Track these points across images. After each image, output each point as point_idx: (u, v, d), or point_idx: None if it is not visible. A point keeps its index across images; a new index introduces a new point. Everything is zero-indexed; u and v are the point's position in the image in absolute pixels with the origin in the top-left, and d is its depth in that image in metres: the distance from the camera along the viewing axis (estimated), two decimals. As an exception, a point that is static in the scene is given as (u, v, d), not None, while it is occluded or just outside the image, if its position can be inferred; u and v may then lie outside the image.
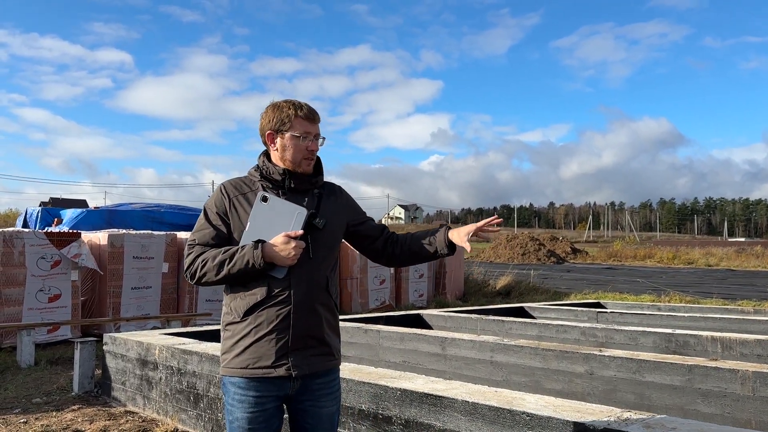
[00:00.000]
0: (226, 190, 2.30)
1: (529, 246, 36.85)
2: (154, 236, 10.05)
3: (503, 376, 5.20)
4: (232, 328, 2.25)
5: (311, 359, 2.24)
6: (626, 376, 4.51)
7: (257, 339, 2.18)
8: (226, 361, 2.25)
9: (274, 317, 2.18)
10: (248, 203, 2.25)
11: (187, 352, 4.89)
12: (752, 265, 35.45)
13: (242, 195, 2.28)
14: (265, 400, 2.20)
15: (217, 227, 2.26)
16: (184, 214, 15.70)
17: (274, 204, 2.19)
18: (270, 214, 2.18)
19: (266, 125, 2.30)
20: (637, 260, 40.56)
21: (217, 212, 2.27)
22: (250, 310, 2.19)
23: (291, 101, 2.31)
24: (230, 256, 2.16)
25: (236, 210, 2.26)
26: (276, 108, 2.30)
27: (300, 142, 2.26)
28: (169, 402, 5.00)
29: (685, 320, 8.03)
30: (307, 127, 2.27)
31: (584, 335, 6.78)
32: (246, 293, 2.21)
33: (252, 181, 2.32)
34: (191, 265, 2.23)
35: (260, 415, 2.19)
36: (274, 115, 2.28)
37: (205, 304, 10.41)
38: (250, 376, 2.18)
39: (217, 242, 2.24)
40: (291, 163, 2.28)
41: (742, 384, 3.94)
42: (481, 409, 2.99)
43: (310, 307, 2.23)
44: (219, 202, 2.28)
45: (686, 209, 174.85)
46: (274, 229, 2.16)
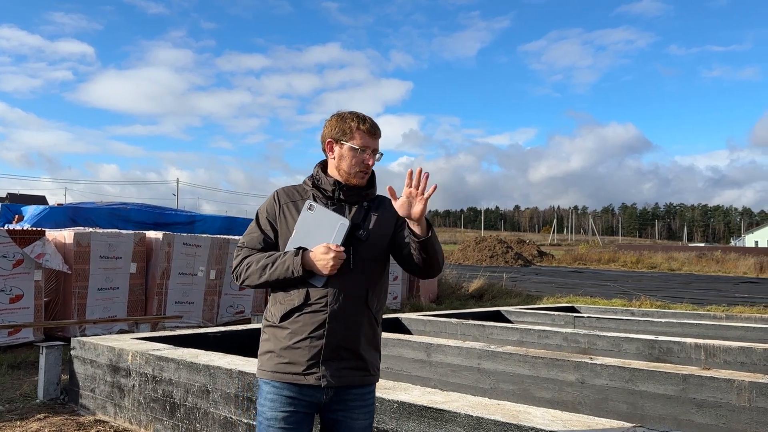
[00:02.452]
0: (278, 197, 2.35)
1: (497, 249, 37.07)
2: (122, 235, 9.70)
3: (491, 384, 5.09)
4: (269, 331, 2.28)
5: (344, 372, 2.22)
6: (618, 385, 4.44)
7: (291, 345, 2.21)
8: (261, 363, 2.29)
9: (309, 324, 2.19)
10: (297, 211, 2.29)
11: (163, 358, 4.65)
12: (713, 270, 36.28)
13: (292, 202, 2.33)
14: (296, 402, 2.21)
15: (266, 232, 2.32)
16: (152, 212, 15.27)
17: (319, 213, 2.22)
18: (314, 222, 2.21)
19: (328, 133, 2.33)
20: (601, 264, 41.15)
21: (267, 218, 2.33)
22: (286, 315, 2.22)
23: (356, 113, 2.33)
24: (272, 261, 2.21)
25: (285, 217, 2.31)
26: (340, 118, 2.33)
27: (358, 154, 2.28)
28: (143, 411, 4.75)
29: (662, 326, 8.06)
30: (367, 141, 2.29)
31: (566, 341, 6.73)
32: (285, 298, 2.24)
33: (304, 189, 2.36)
34: (237, 267, 2.29)
35: (291, 416, 2.20)
36: (338, 124, 2.31)
37: (174, 306, 10.09)
38: (281, 380, 2.21)
39: (264, 247, 2.30)
40: (345, 173, 2.30)
41: (738, 394, 3.90)
42: (486, 424, 2.85)
43: (347, 319, 2.22)
44: (270, 208, 2.34)
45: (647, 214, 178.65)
46: (316, 237, 2.19)
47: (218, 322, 10.56)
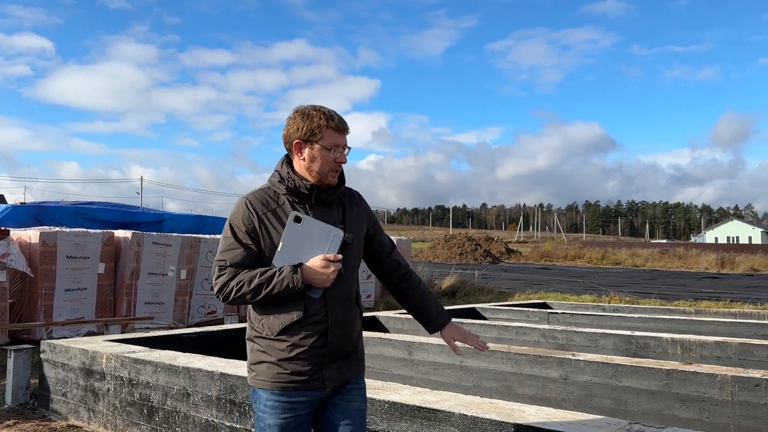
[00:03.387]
0: (252, 207, 2.19)
1: (467, 246, 37.32)
2: (89, 234, 9.43)
3: (473, 382, 5.07)
4: (263, 343, 2.18)
5: (342, 369, 2.23)
6: (602, 381, 4.46)
7: (292, 356, 2.14)
8: (256, 373, 2.20)
9: (310, 336, 2.14)
10: (278, 221, 2.16)
11: (140, 361, 4.51)
12: (675, 266, 37.11)
13: (271, 212, 2.18)
14: (299, 406, 2.17)
15: (247, 246, 2.16)
16: (119, 211, 14.92)
17: (307, 224, 2.13)
18: (304, 234, 2.12)
19: (294, 133, 2.20)
20: (567, 260, 41.76)
21: (246, 231, 2.17)
22: (285, 330, 2.14)
23: (321, 110, 2.21)
24: (267, 279, 2.08)
25: (266, 228, 2.16)
26: (305, 116, 2.19)
27: (329, 153, 2.18)
28: (119, 415, 4.61)
29: (635, 321, 8.17)
30: (336, 138, 2.19)
31: (544, 337, 6.76)
32: (280, 312, 2.14)
33: (276, 194, 2.23)
34: (224, 288, 2.14)
35: (293, 421, 2.17)
36: (304, 123, 2.18)
37: (144, 307, 9.87)
38: (283, 389, 2.15)
39: (248, 262, 2.15)
40: (318, 174, 2.20)
41: (720, 388, 3.94)
42: (482, 424, 2.82)
43: (345, 324, 2.21)
44: (246, 220, 2.17)
45: (610, 211, 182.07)
46: (308, 249, 2.11)
47: (190, 323, 10.37)
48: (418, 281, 2.49)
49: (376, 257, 2.46)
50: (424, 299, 2.45)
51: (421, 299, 2.45)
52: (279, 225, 2.15)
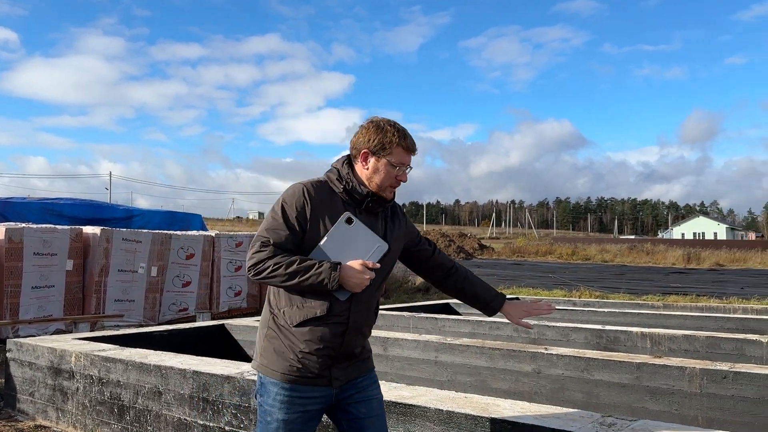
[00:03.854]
0: (309, 195, 2.20)
1: (440, 242, 37.47)
2: (57, 230, 9.23)
3: (448, 376, 5.09)
4: (279, 331, 2.22)
5: (351, 368, 2.29)
6: (574, 375, 4.51)
7: (306, 351, 2.18)
8: (267, 361, 2.23)
9: (327, 335, 2.18)
10: (329, 216, 2.19)
11: (110, 359, 4.44)
12: (644, 261, 37.78)
13: (324, 206, 2.21)
14: (308, 401, 2.21)
15: (294, 230, 2.18)
16: (87, 207, 14.65)
17: (357, 228, 2.18)
18: (350, 236, 2.17)
19: (364, 143, 2.25)
20: (539, 256, 42.22)
21: (297, 216, 2.18)
22: (305, 323, 2.18)
23: (395, 126, 2.27)
24: (305, 269, 2.11)
25: (316, 219, 2.19)
26: (380, 129, 2.25)
27: (393, 170, 2.24)
28: (89, 415, 4.53)
29: (606, 315, 8.30)
30: (404, 157, 2.25)
31: (517, 332, 6.83)
32: (304, 304, 2.18)
33: (332, 190, 2.25)
34: (260, 264, 2.14)
35: (301, 416, 2.21)
36: (377, 136, 2.24)
37: (114, 304, 9.70)
38: (293, 382, 2.19)
39: (290, 246, 2.17)
40: (377, 186, 2.25)
41: (689, 381, 4.02)
42: (458, 418, 2.83)
43: (361, 327, 2.28)
44: (300, 206, 2.19)
45: (580, 208, 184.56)
46: (350, 252, 2.15)
47: (160, 321, 10.23)
48: (464, 272, 2.57)
49: (420, 264, 2.56)
50: (473, 287, 2.55)
51: (471, 288, 2.55)
52: (328, 220, 2.18)
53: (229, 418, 3.69)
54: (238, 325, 6.34)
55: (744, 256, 38.06)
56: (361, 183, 2.25)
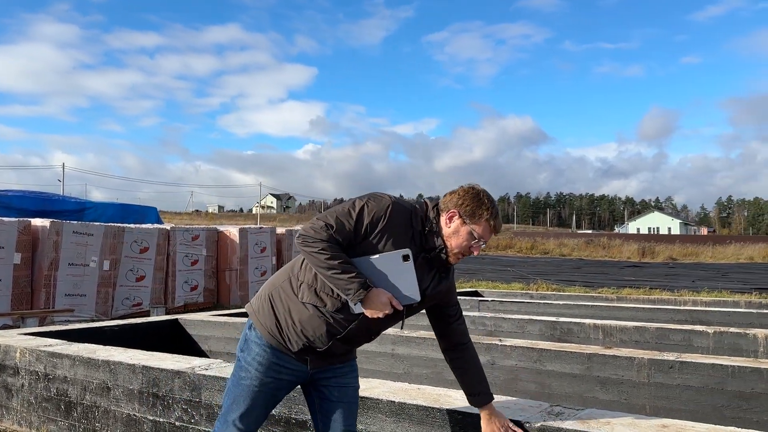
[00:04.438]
0: (391, 213, 2.23)
1: (401, 236, 37.65)
2: (4, 223, 8.93)
3: (405, 369, 5.11)
4: (286, 297, 2.31)
5: (327, 359, 2.37)
6: (527, 366, 4.57)
7: (297, 327, 2.27)
8: (262, 313, 2.33)
9: (320, 329, 2.26)
10: (394, 242, 2.22)
11: (56, 355, 4.31)
12: (600, 255, 38.65)
13: (396, 230, 2.23)
14: (284, 371, 2.31)
15: (357, 232, 2.21)
16: (37, 199, 14.23)
17: (406, 268, 2.20)
18: (396, 270, 2.20)
19: (456, 204, 2.28)
20: (499, 250, 42.80)
21: (368, 222, 2.21)
22: (310, 305, 2.25)
23: (493, 203, 2.31)
24: (343, 270, 2.15)
25: (382, 237, 2.22)
26: (477, 199, 2.28)
27: (471, 240, 2.28)
28: (34, 412, 4.39)
29: (561, 308, 8.45)
30: (486, 234, 2.30)
31: (474, 324, 6.89)
32: (320, 291, 2.25)
33: (411, 222, 2.27)
34: (312, 239, 2.18)
35: (274, 382, 2.31)
36: (471, 204, 2.27)
37: (64, 298, 9.44)
38: (274, 344, 2.29)
39: (345, 242, 2.21)
40: (449, 246, 2.29)
41: (638, 371, 4.11)
42: (409, 409, 2.83)
43: (352, 342, 2.36)
44: (377, 218, 2.21)
45: (539, 203, 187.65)
46: (386, 282, 2.20)
47: (113, 316, 10.00)
48: (471, 356, 2.58)
49: (438, 323, 2.55)
50: (470, 373, 2.56)
51: (464, 371, 2.57)
52: (391, 244, 2.21)
53: (180, 414, 3.62)
54: (193, 320, 6.23)
55: (696, 251, 39.30)
56: (439, 235, 2.29)
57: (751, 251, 38.26)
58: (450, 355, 2.59)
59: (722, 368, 3.89)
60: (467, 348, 2.56)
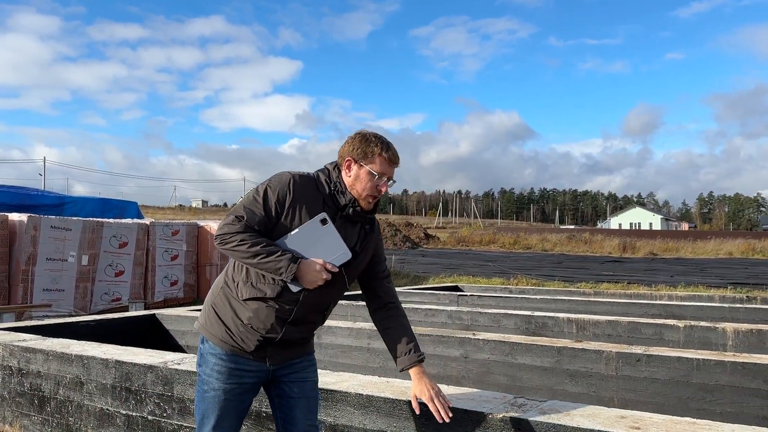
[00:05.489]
0: (294, 187, 2.27)
1: (386, 232, 37.65)
2: (-20, 217, 8.85)
3: (380, 363, 5.16)
4: (227, 300, 2.31)
5: (286, 351, 2.36)
6: (499, 359, 4.64)
7: (245, 326, 2.27)
8: (209, 324, 2.33)
9: (269, 318, 2.27)
10: (307, 212, 2.26)
11: (30, 350, 4.30)
12: (582, 250, 38.98)
13: (306, 200, 2.27)
14: (244, 374, 2.31)
15: (269, 215, 2.24)
16: (15, 193, 14.10)
17: (328, 231, 2.24)
18: (319, 236, 2.23)
19: (348, 152, 2.34)
20: (482, 245, 43.01)
21: (276, 202, 2.25)
22: (252, 300, 2.26)
23: (381, 138, 2.35)
24: (267, 253, 2.18)
25: (294, 212, 2.26)
26: (365, 139, 2.34)
27: (374, 179, 2.31)
28: (8, 406, 4.38)
29: (538, 302, 8.54)
30: (386, 168, 2.33)
31: (451, 318, 6.96)
32: (257, 284, 2.25)
33: (318, 189, 2.32)
34: (229, 236, 2.20)
35: (237, 388, 2.31)
36: (361, 145, 2.32)
37: (42, 293, 9.38)
38: (229, 351, 2.29)
39: (260, 228, 2.24)
40: (357, 194, 2.32)
41: (606, 364, 4.20)
42: (377, 402, 2.88)
43: (304, 323, 2.35)
44: (282, 194, 2.25)
45: (524, 198, 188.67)
46: (314, 250, 2.22)
47: (92, 311, 9.95)
48: (400, 314, 2.56)
49: (372, 279, 2.56)
50: (397, 331, 2.51)
51: (393, 330, 2.52)
52: (305, 215, 2.24)
53: (152, 408, 3.65)
54: (170, 315, 6.24)
55: (677, 246, 39.75)
56: (346, 190, 2.32)
57: (731, 246, 38.80)
58: (380, 316, 2.56)
59: (687, 361, 3.99)
60: (396, 307, 2.57)
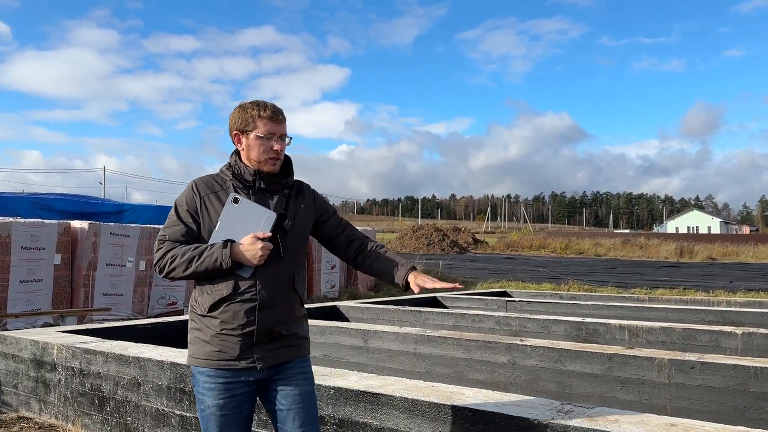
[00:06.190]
0: (197, 188, 2.32)
1: (434, 237, 37.56)
2: (45, 225, 9.28)
3: (426, 368, 5.17)
4: (198, 320, 2.29)
5: (277, 351, 2.29)
6: (548, 365, 4.59)
7: (222, 333, 2.23)
8: (192, 351, 2.31)
9: (239, 313, 2.22)
10: (219, 202, 2.28)
11: (91, 351, 4.50)
12: (637, 255, 37.96)
13: (213, 194, 2.30)
14: (234, 386, 2.26)
15: (188, 224, 2.28)
16: (77, 201, 14.70)
17: (244, 206, 2.23)
18: (240, 215, 2.22)
19: (233, 126, 2.33)
20: (532, 250, 42.38)
21: (188, 210, 2.29)
22: (215, 306, 2.24)
23: (257, 102, 2.33)
24: (199, 253, 2.20)
25: (207, 209, 2.29)
26: (241, 109, 2.33)
27: (264, 142, 2.28)
28: (70, 406, 4.59)
29: (589, 308, 8.38)
30: (270, 127, 2.29)
31: (499, 324, 6.91)
32: (212, 288, 2.25)
33: (223, 179, 2.34)
34: (161, 260, 2.26)
35: (231, 401, 2.26)
36: (240, 115, 2.31)
37: (102, 298, 9.76)
38: (216, 367, 2.24)
39: (187, 239, 2.27)
40: (256, 162, 2.30)
41: (658, 371, 4.10)
42: (421, 406, 2.90)
43: (276, 304, 2.27)
44: (190, 200, 2.30)
45: (575, 202, 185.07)
46: (243, 230, 2.21)
47: (149, 315, 10.29)
48: (375, 247, 2.50)
49: (329, 240, 2.53)
50: (382, 262, 2.46)
51: (380, 263, 2.46)
52: (220, 206, 2.26)
53: (205, 409, 3.76)
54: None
55: (737, 250, 38.30)
56: (247, 166, 2.31)
57: (795, 251, 37.11)
58: (360, 258, 2.50)
59: (744, 369, 3.86)
60: (368, 244, 2.51)
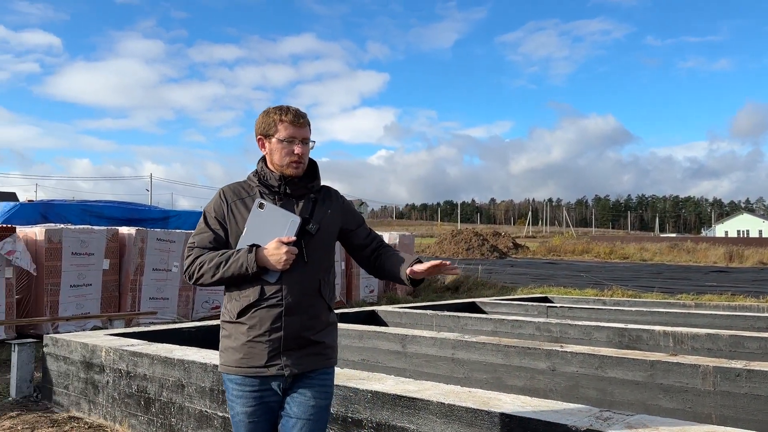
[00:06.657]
0: (224, 196, 2.37)
1: (473, 241, 37.35)
2: (94, 231, 9.58)
3: (464, 373, 5.16)
4: (227, 327, 2.33)
5: (304, 359, 2.29)
6: (588, 372, 4.54)
7: (250, 339, 2.25)
8: (222, 359, 2.34)
9: (266, 319, 2.24)
10: (246, 209, 2.32)
11: (137, 354, 4.64)
12: (684, 260, 36.97)
13: (240, 200, 2.35)
14: (263, 394, 2.28)
15: (216, 231, 2.33)
16: (125, 208, 15.10)
17: (270, 211, 2.27)
18: (266, 220, 2.26)
19: (257, 130, 2.38)
20: (575, 255, 41.68)
21: (216, 217, 2.35)
22: (242, 312, 2.26)
23: (279, 106, 2.36)
24: (225, 259, 2.24)
25: (234, 215, 2.33)
26: (265, 113, 2.37)
27: (285, 145, 2.31)
28: (118, 407, 4.74)
29: (633, 314, 8.22)
30: (292, 131, 2.31)
31: (539, 330, 6.84)
32: (240, 295, 2.28)
33: (250, 186, 2.39)
34: (190, 267, 2.31)
35: (259, 409, 2.28)
36: (263, 120, 2.36)
37: (149, 302, 10.02)
38: (244, 374, 2.27)
39: (215, 246, 2.32)
40: (279, 166, 2.33)
41: (703, 379, 4.01)
42: (458, 411, 2.91)
43: (303, 310, 2.28)
44: (218, 207, 2.35)
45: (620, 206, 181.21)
46: (269, 235, 2.23)
47: (194, 318, 10.51)
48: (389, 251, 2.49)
49: (357, 251, 2.53)
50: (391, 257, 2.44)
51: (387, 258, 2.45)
52: (247, 212, 2.30)
53: (246, 411, 3.84)
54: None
55: (789, 255, 36.87)
56: (272, 171, 2.34)
57: None
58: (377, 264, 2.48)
59: (794, 378, 3.74)
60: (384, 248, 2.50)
